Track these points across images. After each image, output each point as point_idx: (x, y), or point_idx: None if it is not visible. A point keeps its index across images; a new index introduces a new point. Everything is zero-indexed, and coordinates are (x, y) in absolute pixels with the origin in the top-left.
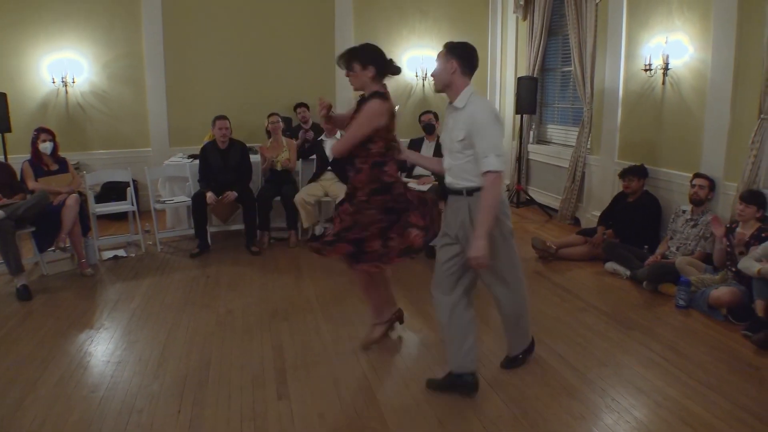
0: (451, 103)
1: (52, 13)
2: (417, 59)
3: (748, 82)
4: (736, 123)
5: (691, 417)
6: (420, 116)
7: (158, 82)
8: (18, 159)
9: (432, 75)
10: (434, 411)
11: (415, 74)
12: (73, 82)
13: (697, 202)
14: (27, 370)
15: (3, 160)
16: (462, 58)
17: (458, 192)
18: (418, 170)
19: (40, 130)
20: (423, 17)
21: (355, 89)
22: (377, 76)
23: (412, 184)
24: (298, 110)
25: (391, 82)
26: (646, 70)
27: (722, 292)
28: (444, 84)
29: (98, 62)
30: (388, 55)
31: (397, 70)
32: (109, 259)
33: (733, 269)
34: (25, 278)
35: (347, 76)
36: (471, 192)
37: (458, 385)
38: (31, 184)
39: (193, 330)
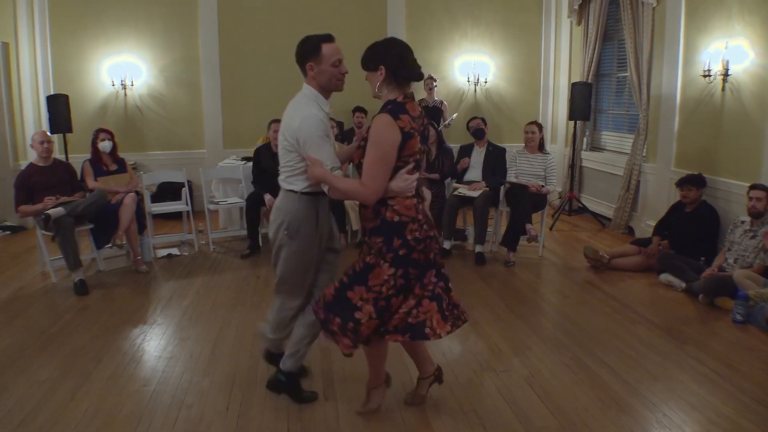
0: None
1: (112, 19)
2: (469, 64)
3: None
4: None
5: None
6: (468, 122)
7: (213, 86)
8: (78, 158)
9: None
10: (480, 419)
11: (467, 79)
12: (132, 85)
13: (755, 214)
14: (81, 363)
15: (64, 159)
16: None
17: None
18: (469, 175)
19: (100, 130)
20: (475, 22)
21: (374, 96)
22: (392, 80)
23: (462, 189)
24: (356, 114)
25: (442, 89)
26: (704, 76)
27: None
28: None
29: (156, 66)
30: (438, 59)
31: (413, 75)
32: (163, 257)
33: None
34: (83, 273)
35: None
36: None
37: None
38: (91, 182)
39: (243, 329)
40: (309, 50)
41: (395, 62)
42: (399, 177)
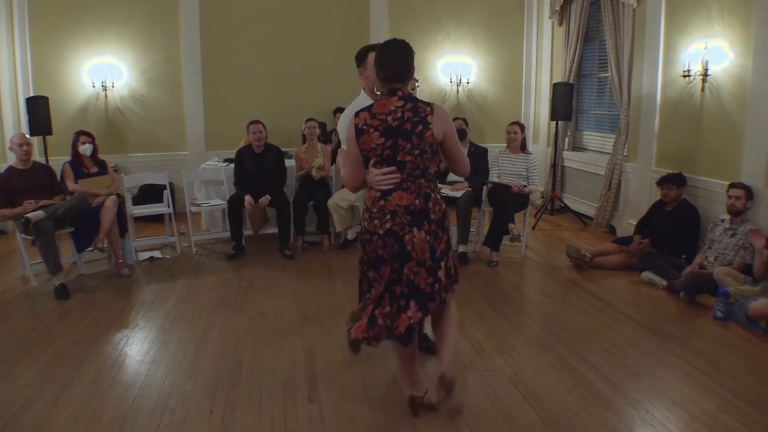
0: None
1: (93, 19)
2: (452, 65)
3: None
4: None
5: (728, 431)
6: None
7: (195, 87)
8: (58, 161)
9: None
10: (464, 418)
11: (449, 80)
12: (113, 87)
13: (734, 212)
14: (63, 368)
15: (44, 162)
16: None
17: None
18: (452, 176)
19: (80, 133)
20: (458, 23)
21: (376, 92)
22: (376, 77)
23: (445, 190)
24: (337, 115)
25: (425, 89)
26: (684, 77)
27: (762, 304)
28: None
29: (137, 67)
30: (420, 60)
31: (378, 74)
32: (145, 260)
33: None
34: (63, 277)
35: None
36: None
37: None
38: (71, 185)
39: (226, 332)
40: (359, 58)
41: (375, 63)
42: (369, 171)
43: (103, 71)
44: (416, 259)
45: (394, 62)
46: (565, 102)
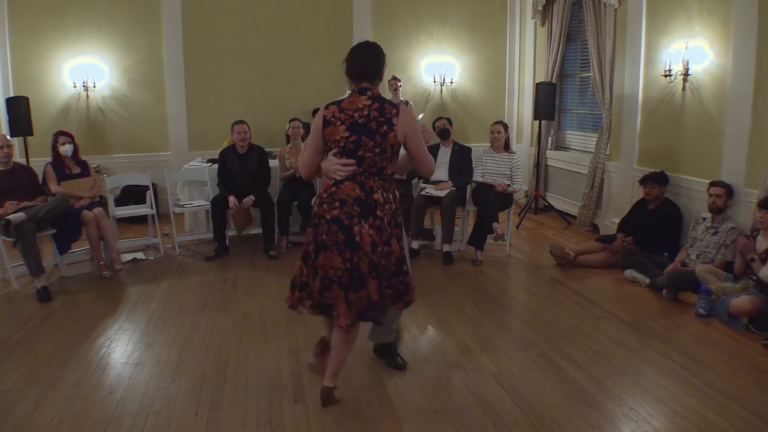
0: None
1: (73, 18)
2: (435, 65)
3: None
4: (757, 129)
5: (710, 427)
6: (434, 122)
7: (178, 87)
8: (40, 162)
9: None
10: (450, 417)
11: (433, 80)
12: (94, 87)
13: (715, 210)
14: (46, 371)
15: (25, 163)
16: None
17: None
18: (435, 175)
19: (59, 134)
20: (441, 23)
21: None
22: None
23: (429, 189)
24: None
25: (408, 88)
26: (665, 76)
27: (743, 300)
28: None
29: (119, 67)
30: (404, 60)
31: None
32: (128, 261)
33: (754, 278)
34: (45, 280)
35: None
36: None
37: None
38: (54, 187)
39: (211, 333)
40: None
41: (346, 61)
42: (326, 158)
43: (85, 71)
44: (363, 249)
45: (365, 62)
46: (547, 101)
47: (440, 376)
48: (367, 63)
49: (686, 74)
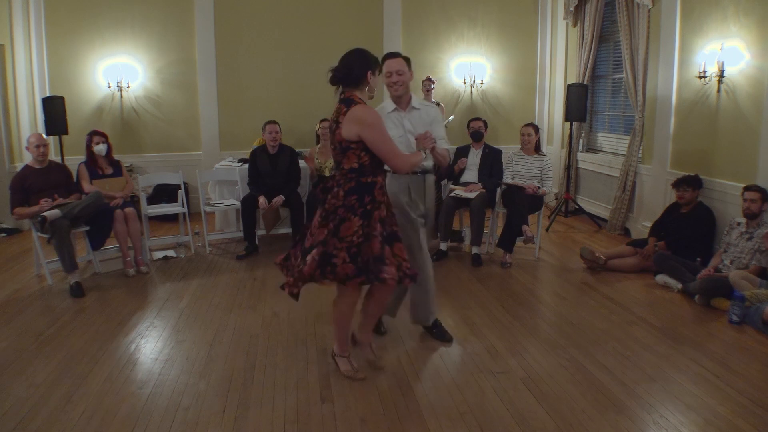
0: (404, 106)
1: (108, 20)
2: (465, 66)
3: None
4: None
5: None
6: (469, 123)
7: (210, 88)
8: (74, 160)
9: (400, 79)
10: (477, 420)
11: (463, 81)
12: (128, 87)
13: (750, 215)
14: (78, 365)
15: (60, 162)
16: None
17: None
18: (465, 177)
19: (93, 133)
20: (471, 24)
21: None
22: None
23: (459, 191)
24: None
25: (438, 89)
26: (700, 78)
27: None
28: (407, 88)
29: (152, 68)
30: (434, 60)
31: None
32: (160, 259)
33: None
34: (79, 276)
35: None
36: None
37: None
38: (87, 186)
39: (240, 331)
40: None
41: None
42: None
43: (119, 71)
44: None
45: (350, 64)
46: (579, 103)
47: (468, 379)
48: (354, 68)
49: (721, 76)
